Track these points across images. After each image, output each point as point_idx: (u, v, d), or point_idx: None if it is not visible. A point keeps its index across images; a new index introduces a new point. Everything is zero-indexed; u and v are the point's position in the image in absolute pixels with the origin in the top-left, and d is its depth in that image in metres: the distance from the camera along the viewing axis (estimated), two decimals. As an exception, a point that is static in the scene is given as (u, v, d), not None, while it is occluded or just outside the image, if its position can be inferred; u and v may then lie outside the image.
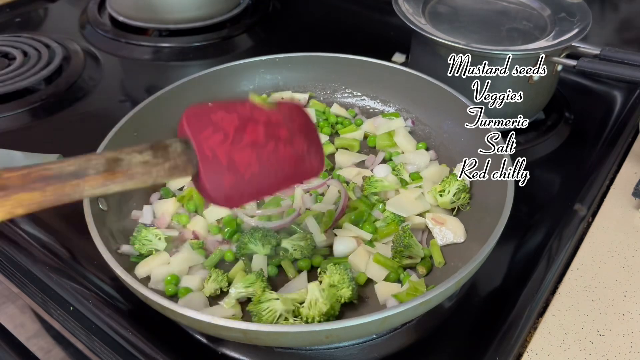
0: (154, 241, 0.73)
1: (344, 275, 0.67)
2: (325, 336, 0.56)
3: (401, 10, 0.97)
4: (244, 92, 1.00)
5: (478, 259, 0.61)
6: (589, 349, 0.65)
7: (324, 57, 1.00)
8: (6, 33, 1.29)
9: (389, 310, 0.56)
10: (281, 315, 0.64)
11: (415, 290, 0.68)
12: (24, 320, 0.83)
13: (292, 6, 1.48)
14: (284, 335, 0.56)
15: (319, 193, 0.84)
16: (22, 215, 0.44)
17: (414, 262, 0.74)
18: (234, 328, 0.55)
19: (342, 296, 0.67)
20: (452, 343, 0.68)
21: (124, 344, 0.66)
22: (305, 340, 0.60)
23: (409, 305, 0.56)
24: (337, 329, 0.55)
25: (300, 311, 0.65)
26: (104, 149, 0.75)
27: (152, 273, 0.71)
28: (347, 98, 1.03)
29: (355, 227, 0.77)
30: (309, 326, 0.57)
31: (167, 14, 1.30)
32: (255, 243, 0.73)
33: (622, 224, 0.82)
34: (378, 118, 0.97)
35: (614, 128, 1.01)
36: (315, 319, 0.64)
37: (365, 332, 0.63)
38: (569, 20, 0.95)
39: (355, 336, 0.64)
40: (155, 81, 1.19)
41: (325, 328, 0.55)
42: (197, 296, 0.69)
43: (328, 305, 0.64)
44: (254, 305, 0.65)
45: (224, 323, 0.55)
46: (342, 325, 0.55)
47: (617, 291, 0.72)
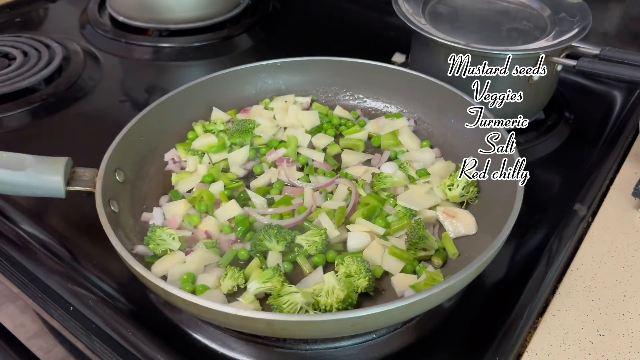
0: (169, 241, 0.73)
1: (360, 266, 0.68)
2: (351, 324, 0.56)
3: (401, 10, 0.97)
4: (246, 96, 1.00)
5: (495, 246, 0.63)
6: (588, 349, 0.65)
7: (325, 61, 1.00)
8: (6, 33, 1.29)
9: (414, 296, 0.57)
10: (302, 307, 0.64)
11: (433, 280, 0.68)
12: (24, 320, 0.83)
13: (292, 6, 1.48)
14: (310, 325, 0.56)
15: (328, 191, 0.84)
16: None
17: (429, 255, 0.74)
18: (260, 319, 0.55)
19: (359, 286, 0.67)
20: (452, 343, 0.68)
21: (124, 344, 0.66)
22: (331, 330, 0.60)
23: (433, 290, 0.57)
24: (364, 317, 0.55)
25: (318, 300, 0.65)
26: (112, 153, 0.76)
27: (168, 272, 0.71)
28: (349, 100, 1.03)
29: (368, 222, 0.77)
30: (335, 315, 0.57)
31: (167, 14, 1.30)
32: (270, 240, 0.74)
33: (622, 224, 0.82)
34: (381, 119, 0.98)
35: (614, 128, 1.01)
36: (333, 306, 0.64)
37: (391, 320, 0.63)
38: (569, 20, 0.95)
39: (380, 324, 0.64)
40: (156, 81, 1.19)
41: (351, 316, 0.55)
42: (215, 293, 0.69)
43: (345, 293, 0.64)
44: (274, 299, 0.65)
45: (251, 314, 0.55)
46: (368, 313, 0.55)
47: (617, 291, 0.72)
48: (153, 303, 0.71)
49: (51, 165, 0.73)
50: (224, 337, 0.67)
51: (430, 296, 0.58)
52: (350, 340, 0.67)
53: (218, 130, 0.92)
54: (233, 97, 0.99)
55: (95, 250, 0.77)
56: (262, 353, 0.66)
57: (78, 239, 0.80)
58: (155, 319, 0.69)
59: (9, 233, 0.81)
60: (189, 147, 0.90)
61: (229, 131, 0.92)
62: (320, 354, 0.66)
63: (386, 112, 1.00)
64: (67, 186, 0.73)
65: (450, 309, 0.71)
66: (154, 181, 0.86)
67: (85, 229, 0.81)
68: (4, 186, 0.72)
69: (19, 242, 0.79)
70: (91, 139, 0.78)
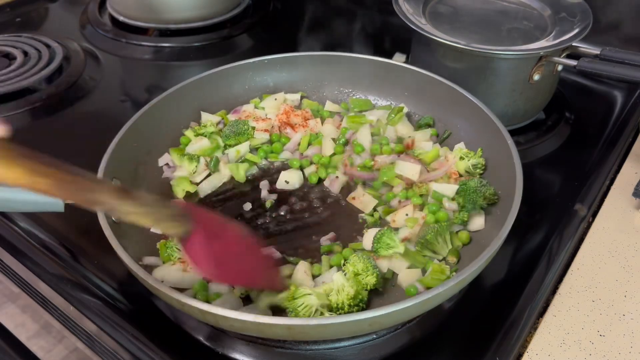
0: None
1: (367, 264, 0.69)
2: (369, 324, 0.57)
3: (401, 10, 0.97)
4: (235, 95, 1.00)
5: (502, 237, 0.64)
6: (589, 349, 0.65)
7: (310, 56, 1.00)
8: (6, 33, 1.29)
9: (428, 293, 0.58)
10: (317, 310, 0.64)
11: (441, 272, 0.69)
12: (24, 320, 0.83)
13: (292, 6, 1.48)
14: (328, 327, 0.56)
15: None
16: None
17: (437, 257, 0.74)
18: (279, 325, 0.55)
19: (367, 283, 0.68)
20: (452, 343, 0.68)
21: (124, 344, 0.66)
22: (349, 330, 0.60)
23: (446, 286, 0.58)
24: (381, 316, 0.56)
25: (330, 299, 0.65)
26: (106, 164, 0.75)
27: (164, 278, 0.70)
28: (337, 95, 1.03)
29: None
30: (352, 315, 0.57)
31: (168, 13, 1.30)
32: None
33: (623, 224, 0.82)
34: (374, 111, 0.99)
35: (615, 128, 1.01)
36: (345, 303, 0.64)
37: (407, 316, 0.64)
38: (569, 20, 0.95)
39: (396, 321, 0.65)
40: (156, 81, 1.19)
41: (368, 316, 0.56)
42: (230, 297, 0.68)
43: (355, 289, 0.65)
44: (288, 301, 0.65)
45: (269, 321, 0.55)
46: (384, 312, 0.56)
47: (617, 291, 0.72)
48: (153, 303, 0.71)
49: None
50: (224, 337, 0.67)
51: (444, 291, 0.59)
52: (350, 340, 0.67)
53: (209, 133, 0.91)
54: (222, 97, 0.98)
55: (95, 250, 0.77)
56: (262, 353, 0.66)
57: (78, 239, 0.80)
58: (155, 319, 0.69)
59: (9, 233, 0.81)
60: (182, 152, 0.89)
61: (224, 133, 0.92)
62: (320, 354, 0.66)
63: (376, 105, 1.00)
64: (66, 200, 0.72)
65: (450, 309, 0.71)
66: (151, 186, 0.85)
67: (86, 229, 0.81)
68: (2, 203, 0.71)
69: (19, 242, 0.79)
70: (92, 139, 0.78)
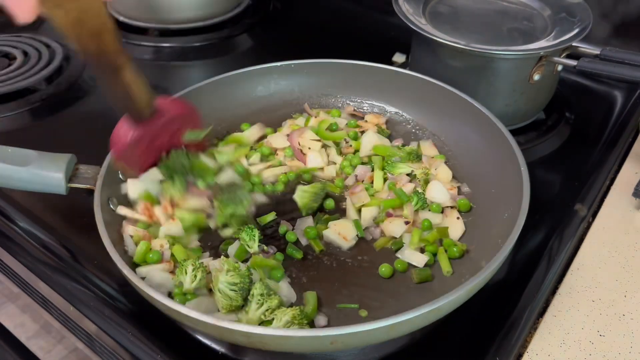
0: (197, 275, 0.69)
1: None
2: (330, 342, 0.56)
3: (401, 10, 0.97)
4: (258, 97, 0.98)
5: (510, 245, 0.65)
6: (589, 350, 0.65)
7: (337, 64, 0.98)
8: (6, 33, 1.29)
9: (421, 308, 0.57)
10: (289, 321, 0.62)
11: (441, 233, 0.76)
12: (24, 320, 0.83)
13: (292, 6, 1.48)
14: (287, 340, 0.56)
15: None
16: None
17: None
18: (237, 331, 0.55)
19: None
20: (452, 343, 0.68)
21: (124, 343, 0.66)
22: (309, 346, 0.59)
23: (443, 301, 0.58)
24: (343, 335, 0.55)
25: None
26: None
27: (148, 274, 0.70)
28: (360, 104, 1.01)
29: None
30: (314, 331, 0.57)
31: (168, 13, 1.30)
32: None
33: (623, 224, 0.82)
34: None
35: (615, 128, 1.01)
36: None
37: (373, 339, 0.60)
38: (570, 20, 0.95)
39: (363, 343, 0.62)
40: (156, 81, 1.19)
41: (330, 334, 0.55)
42: (205, 300, 0.67)
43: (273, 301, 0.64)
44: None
45: (227, 325, 0.55)
46: (348, 332, 0.54)
47: (617, 291, 0.72)
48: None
49: (54, 162, 0.73)
50: (224, 337, 0.67)
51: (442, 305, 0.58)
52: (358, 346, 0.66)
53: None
54: (243, 100, 0.96)
55: (95, 250, 0.77)
56: (262, 353, 0.66)
57: (78, 239, 0.80)
58: (155, 319, 0.69)
59: (9, 233, 0.81)
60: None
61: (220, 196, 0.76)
62: (320, 354, 0.66)
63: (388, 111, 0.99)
64: (69, 183, 0.73)
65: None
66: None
67: (85, 229, 0.80)
68: (6, 180, 0.72)
69: (19, 242, 0.79)
70: (92, 139, 0.78)
